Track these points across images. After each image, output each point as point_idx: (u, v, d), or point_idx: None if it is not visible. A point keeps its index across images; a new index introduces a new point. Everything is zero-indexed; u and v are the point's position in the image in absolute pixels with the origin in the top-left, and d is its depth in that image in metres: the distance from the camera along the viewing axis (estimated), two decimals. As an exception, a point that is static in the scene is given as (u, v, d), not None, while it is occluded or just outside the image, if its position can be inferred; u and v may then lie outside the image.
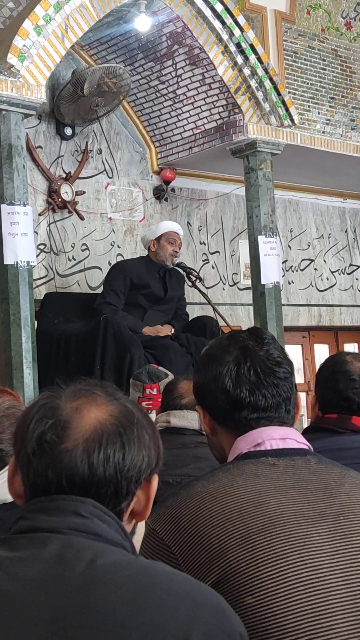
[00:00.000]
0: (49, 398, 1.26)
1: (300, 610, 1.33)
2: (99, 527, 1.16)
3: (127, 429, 1.22)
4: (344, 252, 8.51)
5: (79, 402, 1.24)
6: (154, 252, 6.05)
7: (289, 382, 1.65)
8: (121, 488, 1.21)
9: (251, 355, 1.63)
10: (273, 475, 1.51)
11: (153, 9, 6.23)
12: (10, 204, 5.19)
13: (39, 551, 1.11)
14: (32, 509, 1.19)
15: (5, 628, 1.04)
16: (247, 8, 7.29)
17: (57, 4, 5.38)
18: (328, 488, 1.50)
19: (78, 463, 1.18)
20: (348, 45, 8.30)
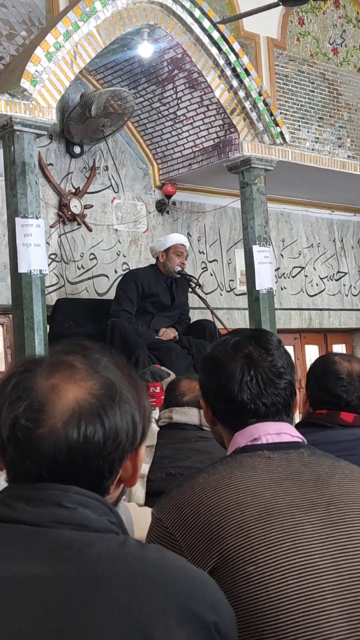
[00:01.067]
0: (24, 374, 1.09)
1: (294, 593, 1.33)
2: (83, 516, 1.04)
3: (109, 408, 1.07)
4: (332, 260, 8.51)
5: (56, 379, 1.08)
6: (162, 263, 6.04)
7: (289, 391, 1.63)
8: (104, 470, 1.08)
9: (255, 366, 1.61)
10: (268, 467, 1.51)
11: (155, 37, 6.24)
12: (24, 217, 5.20)
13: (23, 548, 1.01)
14: (13, 495, 1.07)
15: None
16: (241, 35, 7.30)
17: (67, 33, 5.39)
18: (319, 479, 1.50)
19: (56, 450, 1.04)
20: (335, 69, 8.31)
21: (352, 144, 8.35)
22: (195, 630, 0.97)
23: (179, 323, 6.14)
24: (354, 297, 8.69)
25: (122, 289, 5.99)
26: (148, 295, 5.98)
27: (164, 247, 6.05)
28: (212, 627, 0.99)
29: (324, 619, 1.32)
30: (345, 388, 2.33)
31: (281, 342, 1.70)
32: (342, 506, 1.45)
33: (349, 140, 8.34)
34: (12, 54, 5.91)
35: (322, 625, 1.32)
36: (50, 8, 6.22)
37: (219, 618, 1.01)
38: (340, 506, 1.45)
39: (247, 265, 6.49)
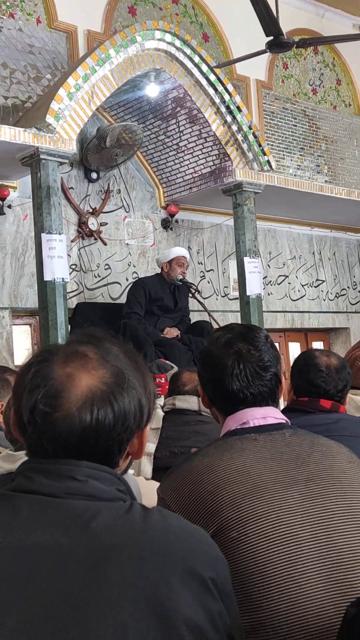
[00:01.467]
0: (42, 363, 1.06)
1: (278, 558, 1.33)
2: (93, 487, 1.01)
3: (118, 394, 1.04)
4: (311, 270, 8.50)
5: (71, 368, 1.04)
6: (167, 272, 6.03)
7: (274, 381, 1.61)
8: (113, 449, 1.05)
9: (244, 361, 1.59)
10: (255, 448, 1.50)
11: (160, 79, 6.24)
12: (48, 233, 5.20)
13: (39, 516, 0.98)
14: (32, 468, 1.04)
15: (5, 603, 0.90)
16: (234, 78, 7.31)
17: (85, 76, 5.39)
18: (299, 458, 1.49)
19: (70, 432, 1.02)
20: (314, 107, 8.32)
21: (329, 170, 8.36)
22: (196, 587, 0.96)
23: (181, 323, 6.14)
24: (330, 302, 8.68)
25: (133, 294, 5.98)
26: (154, 300, 5.97)
27: (168, 259, 6.05)
28: (209, 583, 0.98)
29: (304, 581, 1.31)
30: (324, 379, 2.33)
31: (268, 337, 1.68)
32: (320, 482, 1.44)
33: (326, 167, 8.34)
34: (38, 93, 5.92)
35: (302, 585, 1.31)
36: (71, 54, 6.23)
37: (215, 574, 1.00)
38: (317, 482, 1.44)
39: (239, 274, 6.48)
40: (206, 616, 0.95)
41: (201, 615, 0.95)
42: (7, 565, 0.94)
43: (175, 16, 7.07)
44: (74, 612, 0.90)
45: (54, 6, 6.15)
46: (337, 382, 2.33)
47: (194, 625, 0.93)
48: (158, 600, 0.92)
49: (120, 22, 6.61)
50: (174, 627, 0.91)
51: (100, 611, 0.90)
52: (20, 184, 5.97)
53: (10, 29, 5.87)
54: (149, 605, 0.92)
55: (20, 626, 0.89)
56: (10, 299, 5.92)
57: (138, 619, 0.90)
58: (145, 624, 0.90)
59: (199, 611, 0.94)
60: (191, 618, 0.93)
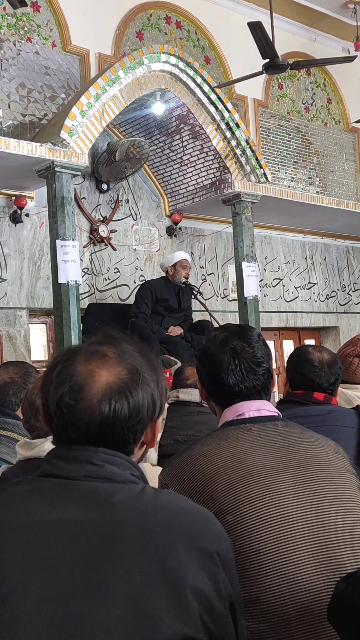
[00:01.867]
0: (66, 362, 1.10)
1: (271, 538, 1.33)
2: (109, 471, 1.05)
3: (133, 389, 1.08)
4: (304, 274, 8.49)
5: (92, 365, 1.08)
6: (172, 275, 6.03)
7: (266, 376, 1.61)
8: (128, 437, 1.08)
9: (239, 357, 1.59)
10: (249, 437, 1.50)
11: (166, 98, 6.24)
12: (62, 239, 5.20)
13: (61, 497, 1.02)
14: (54, 455, 1.08)
15: (31, 570, 0.94)
16: (233, 97, 7.31)
17: (97, 95, 5.39)
18: (290, 446, 1.49)
19: (91, 421, 1.05)
20: (307, 124, 8.31)
21: (320, 182, 8.35)
22: (202, 558, 0.99)
23: (184, 322, 6.14)
24: (321, 303, 8.67)
25: (140, 296, 5.97)
26: (160, 301, 5.97)
27: (172, 263, 6.04)
28: (215, 555, 1.01)
29: (296, 558, 1.31)
30: (317, 373, 2.31)
31: (261, 335, 1.68)
32: (309, 467, 1.44)
33: (318, 179, 8.33)
34: (54, 111, 5.92)
35: (294, 563, 1.31)
36: (83, 75, 6.23)
37: (219, 547, 1.03)
38: (307, 467, 1.44)
39: (237, 277, 6.48)
40: (211, 585, 0.98)
41: (207, 584, 0.97)
42: (33, 538, 0.97)
43: (179, 40, 7.07)
44: (92, 578, 0.93)
45: (68, 31, 6.15)
46: (329, 376, 2.31)
47: (200, 592, 0.96)
48: (167, 569, 0.95)
49: (128, 46, 6.61)
50: (181, 592, 0.94)
51: (115, 577, 0.93)
52: (37, 194, 5.97)
53: (27, 52, 5.87)
54: (158, 572, 0.94)
55: (45, 587, 0.93)
56: (27, 299, 5.93)
57: (149, 584, 0.93)
58: (156, 588, 0.93)
59: (204, 580, 0.97)
60: (197, 586, 0.96)
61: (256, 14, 6.95)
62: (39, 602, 0.92)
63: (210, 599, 0.97)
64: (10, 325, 5.80)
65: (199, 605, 0.95)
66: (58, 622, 0.90)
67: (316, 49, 8.37)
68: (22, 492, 1.05)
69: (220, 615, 0.98)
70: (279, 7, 7.20)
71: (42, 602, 0.92)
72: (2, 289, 5.79)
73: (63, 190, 5.25)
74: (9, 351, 5.72)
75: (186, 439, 3.05)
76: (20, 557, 0.95)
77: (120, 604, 0.91)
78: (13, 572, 0.94)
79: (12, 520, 1.00)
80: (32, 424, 2.01)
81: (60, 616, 0.91)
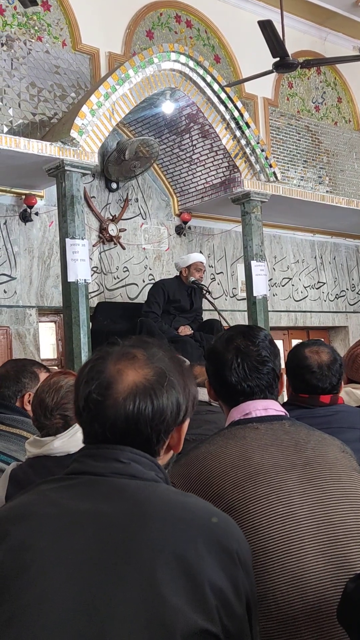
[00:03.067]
0: (98, 360, 1.15)
1: (279, 536, 1.33)
2: (135, 469, 1.09)
3: (158, 390, 1.11)
4: (313, 273, 8.48)
5: (121, 365, 1.13)
6: (185, 276, 6.02)
7: (271, 375, 1.61)
8: (152, 437, 1.12)
9: (243, 356, 1.60)
10: (256, 436, 1.50)
11: (175, 97, 6.24)
12: (72, 238, 5.22)
13: (89, 491, 1.07)
14: (84, 454, 1.13)
15: (58, 554, 0.99)
16: (243, 96, 7.30)
17: (106, 94, 5.40)
18: (298, 444, 1.50)
19: (116, 417, 1.10)
20: (316, 123, 8.30)
21: (330, 181, 8.33)
22: (222, 556, 1.02)
23: (194, 322, 6.14)
24: (330, 302, 8.66)
25: (153, 295, 5.96)
26: (172, 301, 5.97)
27: (187, 264, 6.02)
28: (235, 555, 1.04)
29: (303, 556, 1.32)
30: (319, 379, 2.24)
31: (267, 335, 1.67)
32: (316, 466, 1.45)
33: (328, 178, 8.31)
34: (64, 110, 5.94)
35: (301, 560, 1.32)
36: (93, 74, 6.24)
37: (239, 547, 1.06)
38: (314, 466, 1.45)
39: (246, 276, 6.48)
40: (229, 583, 1.01)
41: (224, 581, 1.00)
42: (61, 526, 1.03)
43: (189, 39, 7.07)
44: (115, 565, 0.97)
45: (78, 30, 6.17)
46: (330, 378, 2.25)
47: (218, 588, 0.99)
48: (186, 562, 0.98)
49: (139, 45, 6.62)
50: (199, 586, 0.97)
51: (137, 566, 0.97)
52: (46, 193, 6.00)
53: (38, 52, 5.90)
54: (178, 565, 0.97)
55: (71, 571, 0.98)
56: (37, 298, 5.96)
57: (169, 575, 0.97)
58: (175, 580, 0.96)
59: (222, 577, 1.00)
60: (215, 581, 0.99)
61: (266, 13, 6.95)
62: (65, 584, 0.97)
63: (228, 596, 1.00)
64: (19, 324, 5.83)
65: (216, 600, 0.98)
66: (82, 603, 0.95)
67: (327, 47, 8.35)
68: (51, 488, 1.11)
69: (237, 614, 1.01)
70: (290, 5, 7.19)
71: (68, 584, 0.97)
72: (11, 287, 5.82)
73: (73, 189, 5.27)
74: (18, 349, 5.74)
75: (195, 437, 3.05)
76: (49, 543, 1.01)
77: (140, 591, 0.95)
78: (42, 556, 1.00)
79: (41, 511, 1.06)
80: (42, 421, 2.02)
81: (84, 598, 0.96)
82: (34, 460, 2.00)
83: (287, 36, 5.73)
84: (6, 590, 0.98)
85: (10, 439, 2.37)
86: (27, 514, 1.06)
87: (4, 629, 0.94)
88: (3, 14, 5.75)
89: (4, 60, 5.68)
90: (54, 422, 2.00)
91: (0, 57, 5.67)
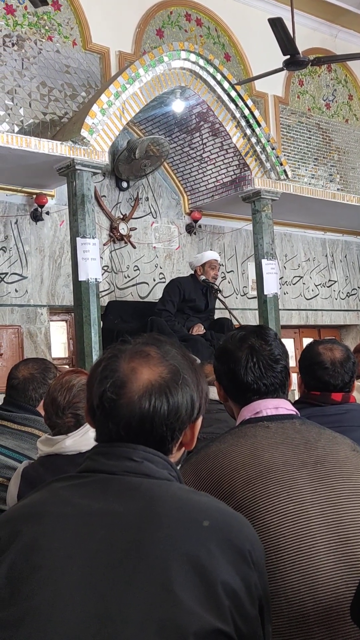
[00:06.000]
0: (111, 359, 1.14)
1: (290, 534, 1.33)
2: (147, 468, 1.08)
3: (173, 388, 1.11)
4: (324, 271, 8.46)
5: (135, 363, 1.12)
6: (199, 275, 5.98)
7: (284, 374, 1.62)
8: (166, 435, 1.11)
9: (257, 354, 1.61)
10: (267, 434, 1.51)
11: (185, 96, 6.25)
12: (83, 237, 5.23)
13: (101, 490, 1.06)
14: (96, 452, 1.12)
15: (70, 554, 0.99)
16: (253, 94, 7.30)
17: (117, 93, 5.42)
18: (308, 443, 1.49)
19: (131, 415, 1.09)
20: (327, 121, 8.27)
21: (340, 179, 8.31)
22: (234, 556, 1.01)
23: (206, 321, 6.13)
24: (341, 300, 8.64)
25: (168, 293, 5.91)
26: (187, 300, 5.93)
27: (201, 263, 5.98)
28: (247, 554, 1.03)
29: (314, 554, 1.32)
30: (331, 375, 2.25)
31: (277, 335, 1.69)
32: (327, 464, 1.45)
33: (339, 176, 8.29)
34: (74, 110, 5.96)
35: (312, 558, 1.32)
36: (104, 74, 6.26)
37: (252, 548, 1.05)
38: (325, 464, 1.45)
39: (257, 274, 6.47)
40: (242, 583, 1.00)
41: (237, 581, 0.99)
42: (74, 526, 1.02)
43: (199, 38, 7.07)
44: (127, 565, 0.97)
45: (89, 29, 6.18)
46: (343, 376, 2.25)
47: (230, 588, 0.98)
48: (199, 562, 0.97)
49: (149, 44, 6.63)
50: (212, 586, 0.96)
51: (149, 566, 0.96)
52: (57, 192, 6.02)
53: (48, 51, 5.92)
54: (191, 565, 0.97)
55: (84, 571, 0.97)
56: (48, 297, 5.98)
57: (181, 575, 0.96)
58: (188, 580, 0.96)
59: (235, 577, 0.99)
60: (227, 581, 0.98)
61: (277, 10, 6.94)
62: (77, 585, 0.96)
63: (240, 596, 0.99)
64: (31, 323, 5.86)
65: (229, 601, 0.97)
66: (94, 604, 0.95)
67: (337, 44, 8.32)
68: (64, 486, 1.10)
69: (250, 614, 1.00)
70: (300, 3, 7.18)
71: (79, 584, 0.96)
72: (23, 286, 5.85)
73: (83, 188, 5.28)
74: (29, 348, 5.77)
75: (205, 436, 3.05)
76: (61, 543, 1.00)
77: (153, 592, 0.95)
78: (54, 556, 0.99)
79: (54, 510, 1.05)
80: (54, 420, 2.04)
81: (96, 599, 0.95)
82: (45, 459, 2.02)
83: (297, 34, 5.71)
84: (18, 590, 0.97)
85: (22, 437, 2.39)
86: (39, 513, 1.05)
87: (15, 629, 0.94)
88: (14, 14, 5.77)
89: (15, 60, 5.70)
90: (66, 421, 2.01)
91: (11, 57, 5.69)
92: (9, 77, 5.66)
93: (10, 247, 5.81)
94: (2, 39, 5.67)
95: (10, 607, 0.96)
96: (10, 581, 0.98)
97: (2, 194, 5.76)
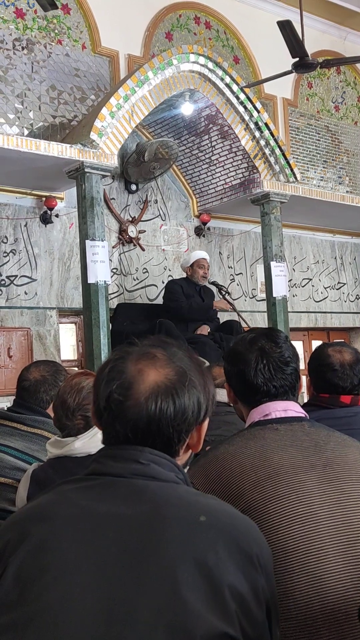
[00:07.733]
0: (118, 360, 1.13)
1: (298, 536, 1.33)
2: (154, 470, 1.08)
3: (179, 390, 1.10)
4: (333, 273, 8.45)
5: (141, 365, 1.11)
6: (190, 275, 6.12)
7: (294, 376, 1.62)
8: (173, 437, 1.11)
9: (267, 356, 1.61)
10: (276, 437, 1.51)
11: (194, 98, 6.25)
12: (92, 240, 5.25)
13: (108, 493, 1.06)
14: (103, 454, 1.12)
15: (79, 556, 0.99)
16: (262, 96, 7.30)
17: (126, 96, 5.43)
18: (317, 445, 1.49)
19: (138, 417, 1.08)
20: (336, 123, 8.26)
21: (350, 181, 8.29)
22: (241, 559, 1.01)
23: (211, 322, 6.15)
24: (351, 303, 8.61)
25: (171, 292, 6.09)
26: (186, 296, 6.06)
27: (189, 263, 6.18)
28: (254, 558, 1.03)
29: (323, 557, 1.32)
30: (340, 377, 2.24)
31: (288, 337, 1.69)
32: (336, 467, 1.45)
33: (348, 178, 8.27)
34: (83, 113, 5.98)
35: (321, 561, 1.32)
36: (113, 77, 6.28)
37: (259, 551, 1.04)
38: (334, 467, 1.45)
39: (266, 277, 6.47)
40: (249, 587, 1.00)
41: (244, 584, 0.99)
42: (82, 528, 1.02)
43: (208, 40, 7.08)
44: (135, 567, 0.97)
45: (98, 33, 6.21)
46: (352, 378, 2.25)
47: (237, 591, 0.98)
48: (206, 565, 0.97)
49: (158, 47, 6.64)
50: (218, 589, 0.96)
51: (156, 568, 0.97)
52: (66, 195, 6.04)
53: (58, 55, 5.94)
54: (198, 568, 0.97)
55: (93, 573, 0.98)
56: (57, 299, 6.00)
57: (188, 578, 0.96)
58: (195, 583, 0.96)
59: (242, 581, 0.99)
60: (234, 585, 0.98)
61: (285, 13, 6.93)
62: (85, 587, 0.97)
63: (247, 600, 0.99)
64: (40, 325, 5.88)
65: (236, 604, 0.97)
66: (102, 606, 0.95)
67: (346, 47, 8.31)
68: (72, 488, 1.10)
69: (256, 618, 1.00)
70: (309, 5, 7.17)
71: (88, 586, 0.97)
72: (32, 289, 5.87)
73: (92, 191, 5.30)
74: (39, 350, 5.79)
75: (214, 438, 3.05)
76: (69, 545, 1.01)
77: (160, 594, 0.95)
78: (62, 558, 0.99)
79: (63, 512, 1.05)
80: (63, 422, 2.04)
81: (104, 601, 0.95)
82: (54, 461, 2.02)
83: (306, 36, 5.71)
84: (27, 591, 0.97)
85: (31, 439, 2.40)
86: (48, 514, 1.05)
87: (23, 630, 0.94)
88: (24, 18, 5.80)
89: (25, 63, 5.73)
90: (75, 423, 2.02)
91: (21, 60, 5.72)
92: (18, 80, 5.68)
93: (19, 249, 5.83)
94: (12, 42, 5.70)
95: (19, 607, 0.97)
96: (19, 582, 0.99)
97: (11, 196, 5.78)
